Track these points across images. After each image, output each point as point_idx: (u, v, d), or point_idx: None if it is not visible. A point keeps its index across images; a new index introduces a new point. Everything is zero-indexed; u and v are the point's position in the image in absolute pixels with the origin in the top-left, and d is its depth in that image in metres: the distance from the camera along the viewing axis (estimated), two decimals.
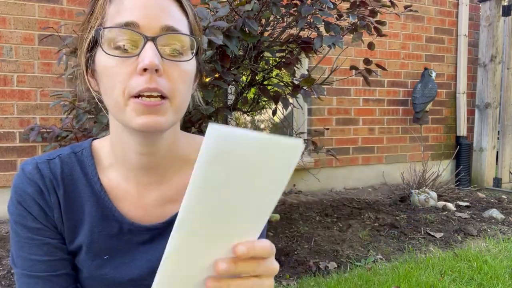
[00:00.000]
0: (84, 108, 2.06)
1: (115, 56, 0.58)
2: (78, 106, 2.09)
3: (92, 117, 2.08)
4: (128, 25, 0.58)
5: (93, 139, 0.74)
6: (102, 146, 0.72)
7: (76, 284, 0.69)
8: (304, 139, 2.63)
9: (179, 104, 0.61)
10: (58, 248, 0.67)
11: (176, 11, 0.62)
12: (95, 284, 0.70)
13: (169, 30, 0.59)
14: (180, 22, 0.62)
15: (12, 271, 2.19)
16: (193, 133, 1.35)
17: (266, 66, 2.40)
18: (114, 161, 0.70)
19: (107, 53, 0.59)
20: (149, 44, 0.57)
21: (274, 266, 0.49)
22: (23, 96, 3.01)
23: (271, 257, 0.48)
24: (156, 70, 0.57)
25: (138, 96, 0.58)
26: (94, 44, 0.62)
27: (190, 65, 0.63)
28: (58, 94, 2.30)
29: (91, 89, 0.68)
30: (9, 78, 2.96)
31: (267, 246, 0.47)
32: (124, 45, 0.58)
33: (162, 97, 0.59)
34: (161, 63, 0.58)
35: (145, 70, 0.57)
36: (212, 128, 0.37)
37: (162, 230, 0.70)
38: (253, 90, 2.59)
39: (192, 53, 0.62)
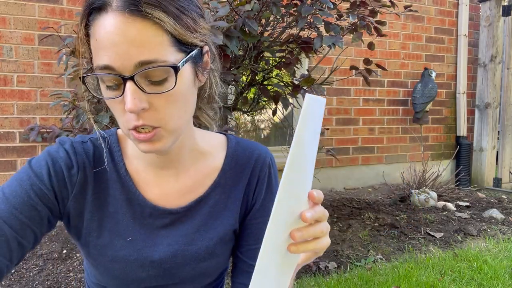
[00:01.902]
0: (84, 108, 2.06)
1: (104, 98, 0.62)
2: (78, 106, 2.09)
3: (92, 117, 2.08)
4: (105, 69, 0.59)
5: (117, 128, 0.78)
6: (125, 136, 0.76)
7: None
8: None
9: (173, 126, 0.64)
10: (41, 222, 0.66)
11: (149, 35, 0.57)
12: (117, 266, 0.72)
13: (144, 64, 0.57)
14: (156, 48, 0.58)
15: (12, 271, 2.19)
16: None
17: (266, 66, 2.40)
18: (136, 153, 0.75)
19: (97, 96, 0.64)
20: (128, 85, 0.58)
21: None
22: (23, 96, 3.01)
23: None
24: (142, 108, 0.60)
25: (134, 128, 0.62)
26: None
27: (178, 86, 0.61)
28: (58, 94, 2.29)
29: (86, 103, 0.74)
30: (9, 78, 2.96)
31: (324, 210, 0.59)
32: (110, 86, 0.61)
33: (153, 127, 0.62)
34: (144, 98, 0.59)
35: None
36: (309, 97, 0.52)
37: (182, 215, 0.75)
38: (253, 90, 2.59)
39: (175, 78, 0.60)
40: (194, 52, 0.63)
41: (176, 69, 0.59)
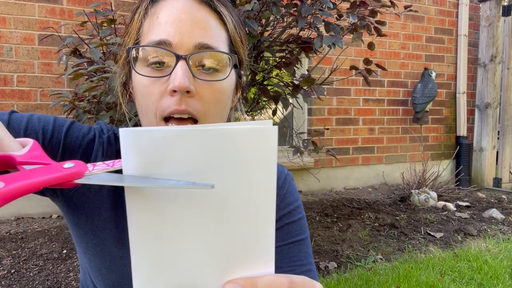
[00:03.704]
0: (84, 108, 2.06)
1: (146, 76, 0.57)
2: (78, 106, 2.09)
3: (92, 117, 2.08)
4: (160, 44, 0.56)
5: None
6: None
7: None
8: (304, 139, 2.63)
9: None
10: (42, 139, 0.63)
11: (213, 24, 0.59)
12: (113, 276, 0.67)
13: (203, 48, 0.56)
14: (216, 37, 0.59)
15: (12, 271, 2.19)
16: None
17: (266, 66, 2.40)
18: None
19: (138, 73, 0.58)
20: (181, 64, 0.55)
21: None
22: (23, 96, 3.01)
23: None
24: (188, 92, 0.55)
25: (168, 118, 0.57)
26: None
27: (226, 82, 0.60)
28: (58, 94, 2.29)
29: (123, 106, 0.68)
30: (9, 78, 2.96)
31: (278, 282, 0.37)
32: (156, 64, 0.56)
33: (193, 119, 0.57)
34: (193, 83, 0.56)
35: (175, 91, 0.55)
36: (125, 131, 0.34)
37: None
38: (253, 90, 2.59)
39: (229, 69, 0.59)
40: (238, 66, 0.64)
41: (233, 57, 0.59)
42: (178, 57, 0.55)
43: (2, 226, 2.82)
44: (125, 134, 0.35)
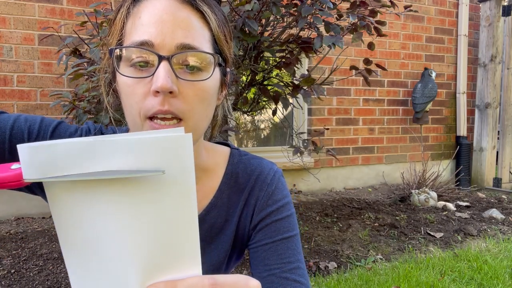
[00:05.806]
0: (84, 108, 2.06)
1: (129, 76, 0.57)
2: (78, 106, 2.09)
3: (92, 117, 2.08)
4: (142, 45, 0.56)
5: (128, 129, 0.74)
6: None
7: None
8: (304, 139, 2.63)
9: (194, 124, 0.60)
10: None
11: (195, 24, 0.59)
12: None
13: (185, 48, 0.57)
14: (199, 37, 0.59)
15: (12, 271, 2.20)
16: None
17: (266, 66, 2.40)
18: None
19: (121, 74, 0.58)
20: (163, 64, 0.55)
21: None
22: (23, 96, 3.01)
23: None
24: (170, 92, 0.55)
25: (152, 117, 0.57)
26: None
27: (210, 82, 0.60)
28: (58, 94, 2.29)
29: (108, 108, 0.68)
30: (9, 78, 2.96)
31: (200, 284, 0.38)
32: (139, 64, 0.57)
33: (177, 118, 0.58)
34: (176, 83, 0.56)
35: (158, 91, 0.55)
36: (21, 147, 0.35)
37: None
38: (253, 90, 2.59)
39: (213, 68, 0.59)
40: (223, 64, 0.65)
41: (215, 58, 0.60)
42: (161, 58, 0.55)
43: (2, 226, 2.82)
44: (22, 150, 0.35)
